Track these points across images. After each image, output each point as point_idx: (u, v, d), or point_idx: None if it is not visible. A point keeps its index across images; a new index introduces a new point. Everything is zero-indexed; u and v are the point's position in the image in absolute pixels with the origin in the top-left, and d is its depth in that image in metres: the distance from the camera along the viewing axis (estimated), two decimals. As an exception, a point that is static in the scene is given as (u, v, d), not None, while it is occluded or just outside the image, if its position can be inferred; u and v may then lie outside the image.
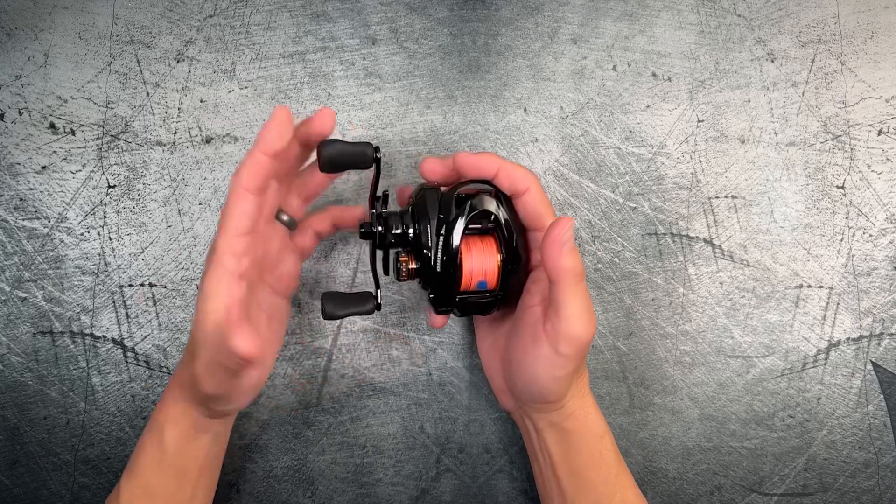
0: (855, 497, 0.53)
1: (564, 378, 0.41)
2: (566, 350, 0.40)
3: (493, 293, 0.43)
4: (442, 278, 0.41)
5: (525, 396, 0.44)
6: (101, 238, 0.51)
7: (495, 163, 0.42)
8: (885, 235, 0.53)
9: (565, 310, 0.39)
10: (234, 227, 0.37)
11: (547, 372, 0.41)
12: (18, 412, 0.51)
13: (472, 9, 0.52)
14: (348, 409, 0.53)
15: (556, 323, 0.40)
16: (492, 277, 0.42)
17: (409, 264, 0.42)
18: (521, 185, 0.42)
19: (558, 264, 0.38)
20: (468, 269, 0.42)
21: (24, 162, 0.50)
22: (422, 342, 0.53)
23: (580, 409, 0.43)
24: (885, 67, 0.53)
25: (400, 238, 0.43)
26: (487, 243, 0.42)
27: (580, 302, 0.39)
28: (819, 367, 0.53)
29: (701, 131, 0.53)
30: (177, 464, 0.42)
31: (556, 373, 0.41)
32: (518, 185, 0.42)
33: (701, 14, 0.53)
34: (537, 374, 0.41)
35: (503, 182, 0.42)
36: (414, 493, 0.53)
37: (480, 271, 0.42)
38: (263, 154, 0.37)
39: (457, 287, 0.42)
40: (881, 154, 0.53)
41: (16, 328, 0.50)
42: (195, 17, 0.51)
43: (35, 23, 0.50)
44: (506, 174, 0.42)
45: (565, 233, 0.38)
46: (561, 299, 0.39)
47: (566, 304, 0.39)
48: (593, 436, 0.44)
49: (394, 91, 0.52)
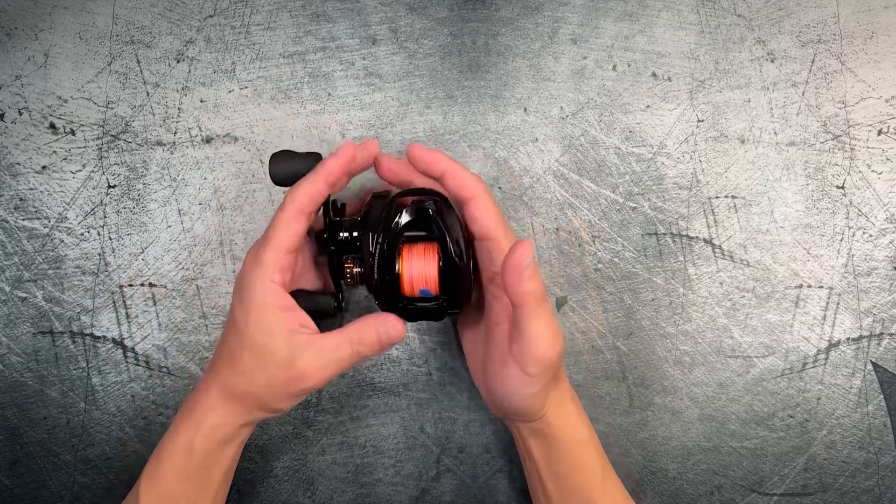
0: (855, 497, 0.53)
1: (537, 395, 0.41)
2: (534, 371, 0.39)
3: (438, 300, 0.42)
4: (380, 284, 0.42)
5: (504, 410, 0.44)
6: (101, 238, 0.51)
7: (443, 163, 0.41)
8: (885, 235, 0.53)
9: (530, 332, 0.39)
10: (285, 246, 0.40)
11: (519, 391, 0.40)
12: (18, 412, 0.51)
13: (472, 9, 0.52)
14: (348, 409, 0.53)
15: (522, 345, 0.39)
16: (433, 284, 0.42)
17: (353, 269, 0.43)
18: (466, 191, 0.41)
19: (519, 290, 0.38)
20: (407, 276, 0.42)
21: (24, 162, 0.50)
22: (422, 342, 0.53)
23: (559, 418, 0.43)
24: (885, 67, 0.53)
25: (345, 244, 0.44)
26: (429, 250, 0.42)
27: (544, 323, 0.39)
28: (819, 367, 0.53)
29: (701, 131, 0.53)
30: (203, 472, 0.42)
31: (527, 391, 0.40)
32: (462, 191, 0.41)
33: (701, 14, 0.53)
34: (509, 392, 0.41)
35: (449, 184, 0.41)
36: (414, 493, 0.53)
37: (421, 278, 0.42)
38: (325, 183, 0.40)
39: (398, 293, 0.42)
40: (881, 154, 0.53)
41: (16, 328, 0.50)
42: (195, 17, 0.51)
43: (35, 23, 0.50)
44: (451, 177, 0.41)
45: (524, 258, 0.37)
46: (525, 323, 0.39)
47: (530, 328, 0.39)
48: (574, 442, 0.43)
49: (394, 91, 0.52)
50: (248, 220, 0.51)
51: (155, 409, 0.51)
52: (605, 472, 0.44)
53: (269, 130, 0.51)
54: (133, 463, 0.51)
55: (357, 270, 0.43)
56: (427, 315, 0.44)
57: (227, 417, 0.41)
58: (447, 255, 0.42)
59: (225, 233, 0.51)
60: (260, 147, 0.51)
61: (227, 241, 0.51)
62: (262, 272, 0.40)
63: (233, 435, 0.42)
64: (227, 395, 0.41)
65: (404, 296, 0.42)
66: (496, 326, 0.43)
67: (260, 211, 0.51)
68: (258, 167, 0.51)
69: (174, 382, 0.51)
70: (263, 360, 0.40)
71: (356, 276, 0.43)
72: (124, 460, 0.51)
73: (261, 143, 0.51)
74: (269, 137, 0.51)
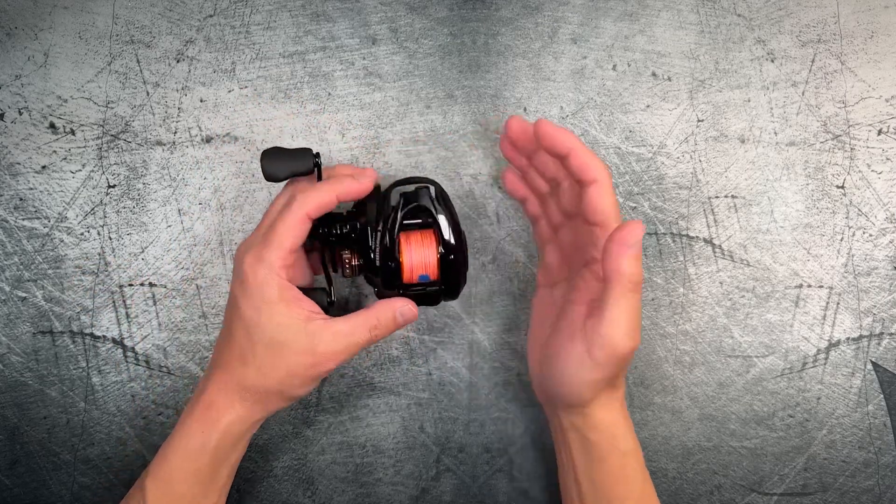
0: (855, 497, 0.53)
1: (592, 383, 0.40)
2: (599, 355, 0.38)
3: (436, 284, 0.44)
4: (383, 272, 0.43)
5: (551, 392, 0.43)
6: (101, 238, 0.51)
7: (570, 142, 0.40)
8: (885, 235, 0.53)
9: (610, 313, 0.38)
10: (289, 246, 0.41)
11: (576, 373, 0.40)
12: (18, 412, 0.51)
13: (472, 8, 0.52)
14: (348, 409, 0.53)
15: (597, 325, 0.38)
16: (432, 270, 0.43)
17: (352, 261, 0.44)
18: (590, 173, 0.40)
19: (617, 266, 0.37)
20: (408, 263, 0.43)
21: (23, 162, 0.50)
22: (422, 342, 0.53)
23: (607, 423, 0.42)
24: (885, 67, 0.53)
25: (343, 237, 0.44)
26: (427, 237, 0.43)
27: (628, 311, 0.38)
28: (819, 366, 0.53)
29: (701, 131, 0.53)
30: (215, 471, 0.42)
31: (584, 376, 0.39)
32: (587, 174, 0.40)
33: (701, 14, 0.53)
34: (566, 372, 0.40)
35: (573, 164, 0.40)
36: (414, 493, 0.53)
37: (421, 264, 0.43)
38: (337, 198, 0.42)
39: (399, 281, 0.43)
40: (881, 154, 0.53)
41: (16, 328, 0.50)
42: (195, 16, 0.51)
43: (35, 22, 0.50)
44: (577, 157, 0.40)
45: (633, 236, 0.37)
46: (609, 302, 0.38)
47: (612, 309, 0.38)
48: (618, 452, 0.42)
49: (394, 91, 0.52)
50: (248, 219, 0.51)
51: (155, 409, 0.51)
52: (646, 485, 0.43)
53: (268, 130, 0.51)
54: (133, 462, 0.51)
55: (356, 262, 0.44)
56: (425, 300, 0.45)
57: (244, 415, 0.42)
58: (445, 242, 0.43)
59: (225, 233, 0.51)
60: (260, 147, 0.51)
61: (227, 240, 0.51)
62: (268, 270, 0.40)
63: (246, 431, 0.43)
64: (243, 393, 0.41)
65: (403, 283, 0.43)
66: (574, 305, 0.42)
67: (260, 211, 0.51)
68: (258, 167, 0.51)
69: (174, 382, 0.51)
70: (282, 352, 0.41)
71: (355, 268, 0.44)
72: (124, 460, 0.51)
73: (261, 142, 0.51)
74: (269, 137, 0.51)
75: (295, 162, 0.42)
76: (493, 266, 0.53)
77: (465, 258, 0.44)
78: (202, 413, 0.42)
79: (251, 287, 0.41)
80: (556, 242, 0.47)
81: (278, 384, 0.41)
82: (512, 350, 0.53)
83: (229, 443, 0.42)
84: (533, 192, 0.48)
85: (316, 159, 0.43)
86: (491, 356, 0.53)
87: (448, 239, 0.43)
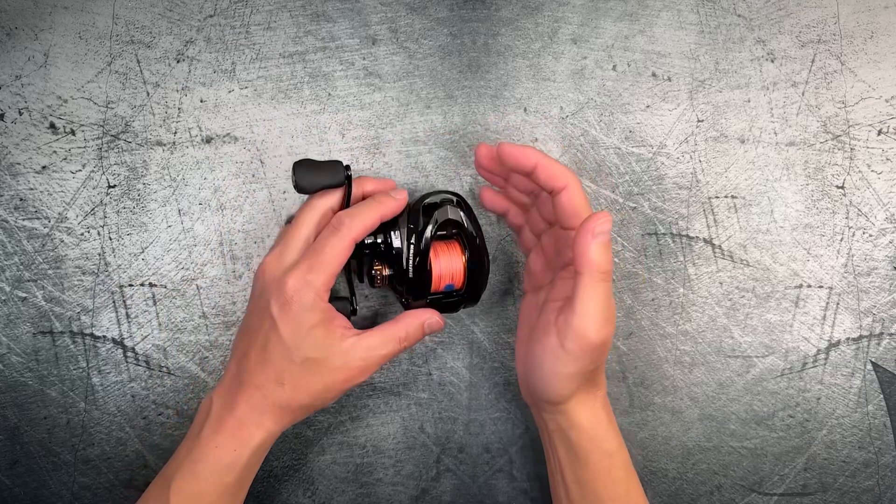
0: (855, 497, 0.53)
1: (567, 377, 0.40)
2: (572, 347, 0.39)
3: (460, 293, 0.46)
4: (414, 283, 0.45)
5: (532, 390, 0.43)
6: (102, 238, 0.51)
7: (534, 157, 0.42)
8: (885, 235, 0.53)
9: (580, 305, 0.38)
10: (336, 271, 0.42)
11: (551, 367, 0.40)
12: (19, 412, 0.51)
13: (472, 9, 0.52)
14: (348, 409, 0.53)
15: (569, 316, 0.39)
16: (458, 279, 0.46)
17: (382, 272, 0.46)
18: (559, 181, 0.41)
19: (584, 254, 0.38)
20: (437, 273, 0.45)
21: (24, 162, 0.50)
22: (422, 342, 0.53)
23: (588, 423, 0.42)
24: (885, 67, 0.53)
25: (372, 247, 0.46)
26: (452, 247, 0.46)
27: (598, 301, 0.38)
28: (819, 367, 0.53)
29: (701, 131, 0.53)
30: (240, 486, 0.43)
31: (559, 369, 0.40)
32: (556, 182, 0.41)
33: (701, 14, 0.53)
34: (543, 367, 0.41)
35: (541, 177, 0.42)
36: (414, 493, 0.53)
37: (448, 274, 0.45)
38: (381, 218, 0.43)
39: (428, 290, 0.45)
40: (881, 154, 0.53)
41: (16, 328, 0.50)
42: (195, 17, 0.51)
43: (35, 23, 0.50)
44: (544, 169, 0.41)
45: (600, 225, 0.38)
46: (579, 293, 0.38)
47: (582, 300, 0.38)
48: (602, 452, 0.43)
49: (394, 91, 0.52)
50: (248, 220, 0.51)
51: (155, 409, 0.51)
52: (631, 483, 0.44)
53: (269, 130, 0.51)
54: (133, 462, 0.51)
55: (387, 273, 0.46)
56: (448, 308, 0.47)
57: (274, 431, 0.43)
58: (471, 252, 0.46)
59: (225, 233, 0.51)
60: (260, 147, 0.51)
61: (227, 241, 0.51)
62: (315, 295, 0.41)
63: (272, 444, 0.44)
64: (276, 411, 0.42)
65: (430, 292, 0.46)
66: (551, 303, 0.43)
67: (260, 211, 0.51)
68: (258, 167, 0.51)
69: (174, 382, 0.51)
70: (319, 370, 0.42)
71: (385, 278, 0.46)
72: (124, 460, 0.51)
73: (261, 143, 0.51)
74: (269, 137, 0.51)
75: (327, 175, 0.44)
76: (494, 266, 0.53)
77: (487, 266, 0.46)
78: (234, 431, 0.42)
79: (296, 311, 0.41)
80: (539, 249, 0.47)
81: (312, 399, 0.42)
82: (512, 350, 0.53)
83: (258, 458, 0.43)
84: (515, 204, 0.49)
85: (347, 172, 0.44)
86: (491, 356, 0.53)
87: (473, 249, 0.45)
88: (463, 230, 0.45)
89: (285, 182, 0.51)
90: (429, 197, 0.46)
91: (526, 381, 0.45)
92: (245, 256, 0.51)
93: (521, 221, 0.49)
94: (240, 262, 0.51)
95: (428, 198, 0.46)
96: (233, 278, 0.51)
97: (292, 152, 0.51)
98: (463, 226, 0.45)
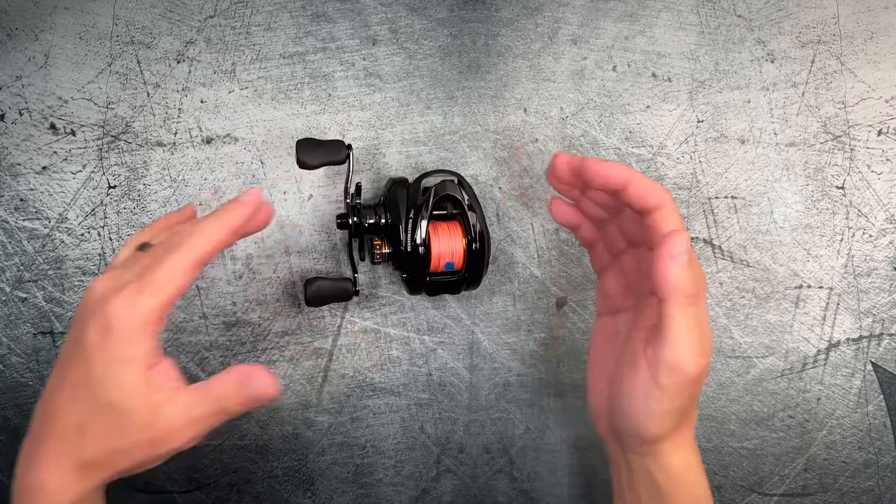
0: (855, 497, 0.53)
1: (662, 414, 0.36)
2: (666, 381, 0.35)
3: (460, 273, 0.47)
4: (413, 260, 0.45)
5: (618, 428, 0.39)
6: (102, 238, 0.51)
7: (625, 174, 0.36)
8: (885, 236, 0.53)
9: (670, 333, 0.34)
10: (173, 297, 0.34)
11: (642, 403, 0.36)
12: (19, 412, 0.51)
13: (472, 9, 0.52)
14: (348, 410, 0.53)
15: (658, 348, 0.35)
16: (458, 258, 0.46)
17: (382, 248, 0.46)
18: (652, 200, 0.36)
19: (666, 278, 0.34)
20: (436, 251, 0.45)
21: (24, 162, 0.50)
22: (422, 342, 0.53)
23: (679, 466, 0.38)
24: (885, 68, 0.53)
25: (374, 226, 0.47)
26: (453, 227, 0.46)
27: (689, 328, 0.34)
28: (819, 367, 0.53)
29: (701, 132, 0.53)
30: None
31: (653, 406, 0.36)
32: (649, 201, 0.36)
33: (701, 14, 0.53)
34: (632, 404, 0.37)
35: (632, 196, 0.37)
36: (414, 494, 0.53)
37: (448, 252, 0.46)
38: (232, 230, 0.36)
39: (427, 268, 0.46)
40: (881, 154, 0.53)
41: (16, 328, 0.50)
42: (195, 17, 0.51)
43: (35, 23, 0.50)
44: (636, 188, 0.36)
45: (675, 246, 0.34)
46: (667, 322, 0.35)
47: (671, 328, 0.34)
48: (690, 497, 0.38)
49: (394, 91, 0.52)
50: (249, 220, 0.51)
51: (155, 410, 0.51)
52: None
53: (269, 131, 0.51)
54: (133, 463, 0.51)
55: (386, 250, 0.46)
56: (448, 288, 0.47)
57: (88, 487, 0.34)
58: (471, 232, 0.46)
59: (225, 233, 0.51)
60: (260, 147, 0.51)
61: (228, 241, 0.51)
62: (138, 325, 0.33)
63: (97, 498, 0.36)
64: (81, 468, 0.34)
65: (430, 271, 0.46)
66: (638, 332, 0.39)
67: (260, 211, 0.52)
68: (258, 167, 0.51)
69: (174, 383, 0.52)
70: (121, 425, 0.34)
71: (384, 255, 0.47)
72: (125, 460, 0.51)
73: (261, 143, 0.51)
74: (269, 138, 0.51)
75: (328, 152, 0.45)
76: (493, 266, 0.53)
77: (488, 248, 0.47)
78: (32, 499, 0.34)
79: (114, 339, 0.33)
80: (618, 269, 0.43)
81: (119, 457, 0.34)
82: (512, 350, 0.53)
83: None
84: (588, 218, 0.44)
85: (348, 150, 0.45)
86: (491, 357, 0.53)
87: (473, 229, 0.46)
88: (463, 208, 0.46)
89: (286, 182, 0.51)
90: (428, 176, 0.47)
91: (611, 418, 0.40)
92: (245, 257, 0.51)
93: (595, 237, 0.44)
94: (240, 263, 0.51)
95: (427, 176, 0.47)
96: (233, 279, 0.51)
97: (293, 153, 0.51)
98: (463, 204, 0.46)
